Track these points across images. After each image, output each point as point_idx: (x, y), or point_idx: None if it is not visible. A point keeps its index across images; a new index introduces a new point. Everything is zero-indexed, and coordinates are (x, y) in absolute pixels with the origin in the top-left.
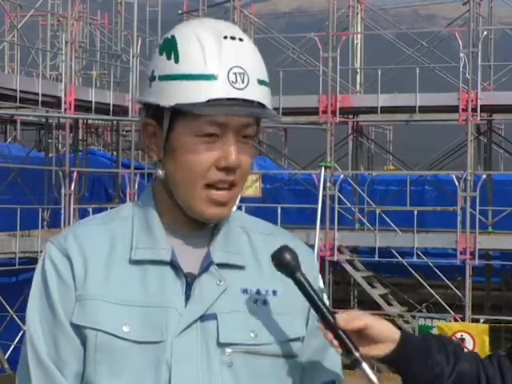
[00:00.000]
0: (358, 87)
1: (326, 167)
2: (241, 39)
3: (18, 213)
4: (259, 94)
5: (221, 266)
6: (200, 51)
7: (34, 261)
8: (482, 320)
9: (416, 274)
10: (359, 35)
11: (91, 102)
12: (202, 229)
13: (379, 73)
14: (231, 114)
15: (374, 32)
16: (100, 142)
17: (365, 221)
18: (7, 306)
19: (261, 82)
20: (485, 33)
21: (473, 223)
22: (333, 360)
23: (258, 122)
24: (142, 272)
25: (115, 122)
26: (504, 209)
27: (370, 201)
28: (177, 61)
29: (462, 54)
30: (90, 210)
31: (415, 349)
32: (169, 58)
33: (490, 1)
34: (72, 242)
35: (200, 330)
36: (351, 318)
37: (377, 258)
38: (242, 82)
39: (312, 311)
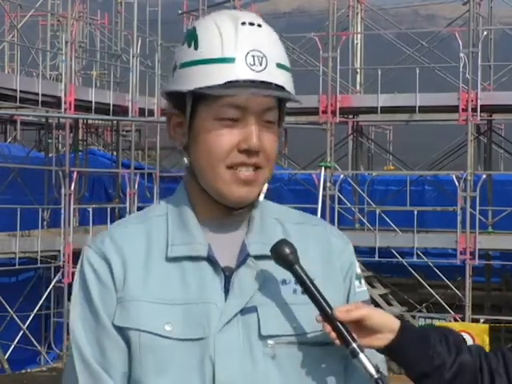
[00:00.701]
0: (357, 87)
1: (326, 167)
2: (259, 25)
3: (18, 213)
4: (278, 76)
5: (257, 257)
6: (218, 36)
7: (34, 261)
8: (482, 320)
9: (416, 274)
10: (359, 35)
11: (91, 102)
12: (236, 218)
13: (379, 73)
14: (250, 96)
15: (374, 32)
16: (100, 142)
17: (365, 221)
18: (7, 306)
19: (280, 66)
20: (485, 33)
21: (473, 223)
22: None
23: (280, 108)
24: (179, 269)
25: (115, 122)
26: (504, 209)
27: (370, 201)
28: (196, 47)
29: (461, 54)
30: (90, 210)
31: (413, 338)
32: (189, 46)
33: (490, 1)
34: (109, 244)
35: (241, 323)
36: (349, 309)
37: (377, 258)
38: (260, 64)
39: (351, 297)
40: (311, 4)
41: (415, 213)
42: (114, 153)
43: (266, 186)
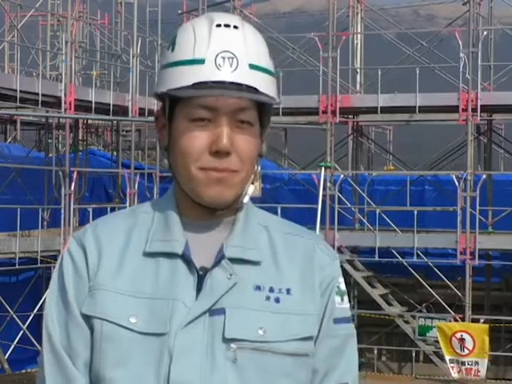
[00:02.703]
0: (358, 87)
1: (326, 167)
2: (236, 27)
3: (18, 213)
4: (250, 77)
5: (235, 260)
6: (192, 39)
7: (34, 261)
8: (482, 320)
9: (416, 274)
10: (359, 35)
11: (91, 101)
12: (220, 220)
13: (379, 73)
14: (219, 97)
15: (373, 32)
16: (100, 142)
17: (365, 221)
18: (7, 306)
19: (254, 67)
20: (485, 33)
21: (473, 223)
22: (349, 361)
23: (261, 108)
24: (154, 264)
25: (115, 121)
26: (504, 209)
27: (370, 201)
28: (172, 49)
29: (461, 54)
30: (90, 210)
31: None
32: (168, 48)
33: (490, 1)
34: (89, 234)
35: (207, 324)
36: None
37: (377, 258)
38: (231, 66)
39: (328, 311)
40: (311, 4)
41: (415, 213)
42: (114, 153)
43: (251, 188)
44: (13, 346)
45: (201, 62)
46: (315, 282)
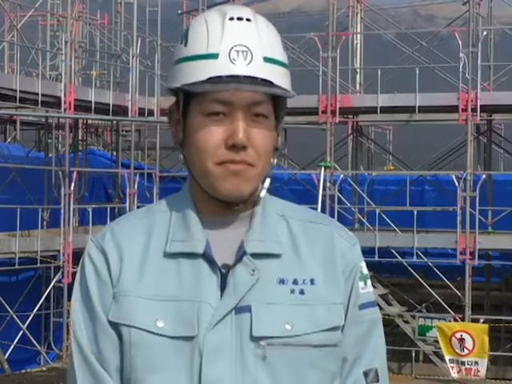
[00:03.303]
0: (357, 87)
1: (325, 167)
2: (248, 19)
3: (18, 213)
4: (264, 71)
5: (256, 255)
6: (205, 32)
7: (34, 261)
8: (481, 320)
9: (416, 274)
10: (359, 35)
11: (91, 102)
12: (238, 215)
13: (379, 73)
14: (234, 91)
15: (373, 32)
16: (100, 141)
17: (365, 221)
18: (7, 306)
19: (268, 60)
20: (484, 33)
21: (472, 223)
22: (376, 346)
23: (276, 101)
24: (176, 265)
25: (115, 121)
26: (504, 209)
27: (369, 201)
28: (186, 44)
29: (461, 54)
30: (90, 210)
31: None
32: (181, 42)
33: (490, 1)
34: (109, 238)
35: (235, 322)
36: None
37: (377, 258)
38: (245, 59)
39: (352, 298)
40: (311, 4)
41: (415, 213)
42: (114, 153)
43: (267, 182)
44: (13, 346)
45: (215, 56)
46: (338, 269)
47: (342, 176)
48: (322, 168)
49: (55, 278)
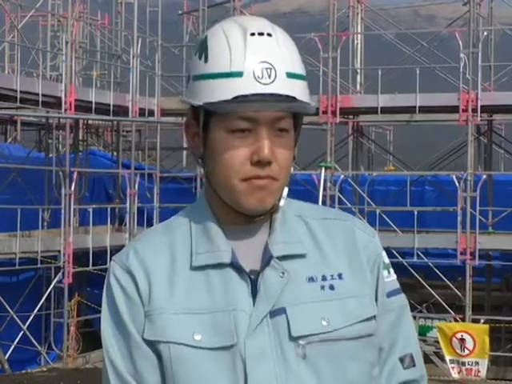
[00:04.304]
0: (358, 87)
1: (326, 167)
2: (269, 34)
3: (19, 213)
4: (288, 87)
5: (282, 258)
6: (227, 50)
7: (35, 261)
8: (482, 320)
9: (416, 274)
10: (359, 35)
11: (91, 102)
12: (257, 222)
13: (379, 73)
14: (258, 110)
15: (374, 32)
16: (100, 142)
17: (365, 221)
18: (7, 306)
19: (291, 75)
20: (485, 33)
21: (473, 223)
22: (408, 332)
23: (295, 114)
24: (205, 277)
25: (115, 122)
26: (504, 209)
27: (370, 201)
28: (206, 60)
29: (462, 55)
30: (91, 210)
31: None
32: (200, 57)
33: (490, 1)
34: (133, 258)
35: (271, 326)
36: None
37: None
38: (269, 76)
39: (380, 288)
40: (311, 4)
41: (415, 213)
42: (115, 153)
43: (285, 191)
44: (13, 346)
45: (239, 74)
46: (363, 261)
47: (342, 176)
48: (323, 168)
49: (56, 279)
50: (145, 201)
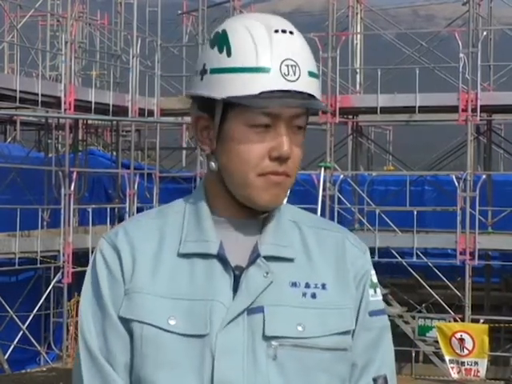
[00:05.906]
0: (357, 87)
1: (325, 167)
2: (291, 32)
3: (18, 213)
4: (310, 85)
5: (269, 258)
6: (252, 45)
7: (34, 261)
8: (481, 320)
9: (416, 274)
10: (359, 35)
11: (91, 102)
12: (253, 219)
13: (379, 73)
14: (284, 106)
15: (373, 32)
16: (100, 142)
17: (364, 221)
18: (7, 306)
19: (311, 74)
20: (484, 33)
21: (472, 223)
22: (385, 353)
23: (307, 113)
24: (190, 265)
25: (115, 122)
26: (504, 209)
27: (369, 201)
28: (229, 54)
29: (461, 55)
30: (90, 210)
31: None
32: (221, 51)
33: (490, 1)
34: (122, 236)
35: (247, 323)
36: None
37: (376, 259)
38: (294, 74)
39: (363, 305)
40: (311, 4)
41: (415, 213)
42: (114, 153)
43: (288, 191)
44: (13, 346)
45: (266, 70)
46: (349, 275)
47: (341, 176)
48: (322, 168)
49: (55, 279)
50: (144, 201)
